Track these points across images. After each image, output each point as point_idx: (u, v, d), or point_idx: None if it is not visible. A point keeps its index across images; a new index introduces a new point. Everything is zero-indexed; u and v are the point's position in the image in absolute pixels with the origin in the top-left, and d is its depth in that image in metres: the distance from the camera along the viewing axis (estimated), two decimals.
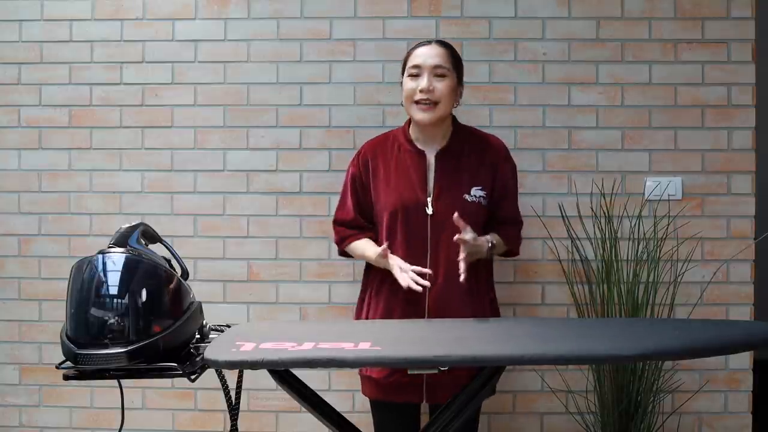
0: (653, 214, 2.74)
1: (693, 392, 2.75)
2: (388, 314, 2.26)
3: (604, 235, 2.69)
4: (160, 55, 2.82)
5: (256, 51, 2.81)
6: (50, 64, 2.83)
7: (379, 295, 2.30)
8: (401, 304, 2.25)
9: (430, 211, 2.25)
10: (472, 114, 2.75)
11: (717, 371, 2.77)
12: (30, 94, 2.84)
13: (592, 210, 2.74)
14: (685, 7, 2.76)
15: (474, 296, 2.28)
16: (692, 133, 2.77)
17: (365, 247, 2.32)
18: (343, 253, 2.44)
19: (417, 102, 2.24)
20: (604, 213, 2.72)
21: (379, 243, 2.30)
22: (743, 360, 2.76)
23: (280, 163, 2.81)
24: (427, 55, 2.26)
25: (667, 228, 2.72)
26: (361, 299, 2.39)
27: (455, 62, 2.31)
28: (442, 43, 2.33)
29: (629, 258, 2.68)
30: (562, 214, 2.75)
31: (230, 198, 2.82)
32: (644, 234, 2.72)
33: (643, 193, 2.76)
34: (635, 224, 2.72)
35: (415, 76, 2.25)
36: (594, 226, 2.73)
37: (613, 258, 2.66)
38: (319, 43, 2.80)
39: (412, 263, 2.22)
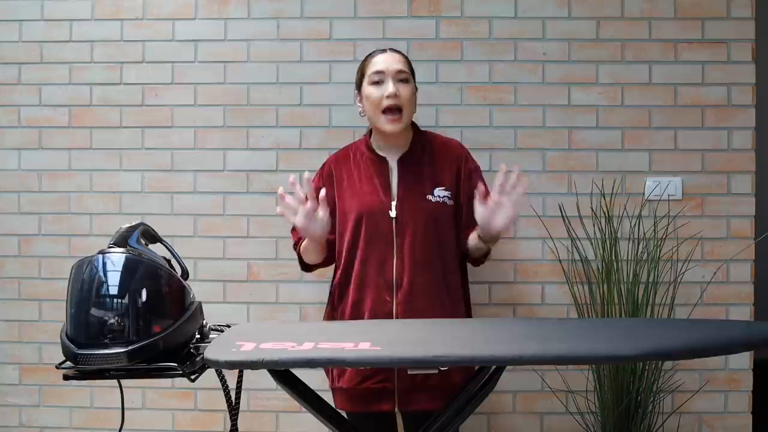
0: (653, 214, 2.74)
1: (693, 392, 2.75)
2: (355, 320, 2.25)
3: (604, 235, 2.69)
4: (160, 55, 2.82)
5: (256, 51, 2.81)
6: (50, 64, 2.83)
7: (347, 300, 2.28)
8: (368, 309, 2.24)
9: (393, 214, 2.25)
10: (472, 114, 2.76)
11: (717, 371, 2.77)
12: (30, 94, 2.84)
13: (592, 210, 2.74)
14: (685, 7, 2.76)
15: (443, 299, 2.26)
16: (692, 133, 2.77)
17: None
18: (305, 267, 2.41)
19: (384, 111, 2.24)
20: (604, 213, 2.72)
21: (339, 251, 2.30)
22: (743, 360, 2.76)
23: (280, 163, 2.81)
24: (389, 61, 2.27)
25: (667, 228, 2.72)
26: (331, 309, 2.37)
27: (411, 68, 2.33)
28: (395, 50, 2.34)
29: (629, 258, 2.68)
30: (562, 214, 2.75)
31: (230, 198, 2.82)
32: (644, 234, 2.72)
33: (643, 193, 2.76)
34: (635, 224, 2.72)
35: (377, 83, 2.25)
36: (594, 226, 2.73)
37: (613, 258, 2.66)
38: (319, 43, 2.80)
39: (377, 266, 2.23)
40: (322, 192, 2.15)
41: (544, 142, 2.78)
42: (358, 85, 2.34)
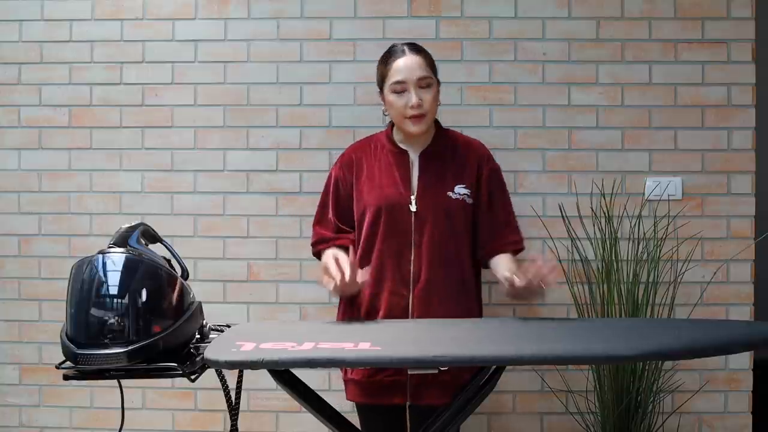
0: (653, 214, 2.74)
1: (693, 392, 2.75)
2: (371, 314, 2.26)
3: (604, 235, 2.69)
4: (160, 55, 2.82)
5: (256, 51, 2.81)
6: (50, 64, 2.83)
7: (363, 293, 2.27)
8: (384, 303, 2.24)
9: (413, 208, 2.25)
10: (472, 114, 2.76)
11: (717, 371, 2.77)
12: (30, 94, 2.84)
13: (592, 210, 2.74)
14: (685, 7, 2.76)
15: (458, 296, 2.27)
16: (692, 133, 2.77)
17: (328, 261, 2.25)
18: (317, 255, 2.38)
19: (410, 117, 2.21)
20: (604, 213, 2.72)
21: (358, 245, 2.29)
22: (743, 360, 2.76)
23: (280, 163, 2.81)
24: (410, 68, 2.21)
25: (667, 228, 2.72)
26: (347, 301, 2.34)
27: (433, 66, 2.28)
28: (416, 49, 2.26)
29: (629, 258, 2.68)
30: (562, 214, 2.75)
31: (230, 198, 2.82)
32: (644, 234, 2.72)
33: (643, 193, 2.77)
34: (635, 224, 2.72)
35: (400, 92, 2.21)
36: (594, 226, 2.73)
37: (613, 258, 2.66)
38: (319, 43, 2.80)
39: (394, 260, 2.23)
40: (363, 272, 2.11)
41: (544, 142, 2.78)
42: (380, 86, 2.29)
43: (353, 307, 2.30)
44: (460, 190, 2.27)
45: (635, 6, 2.76)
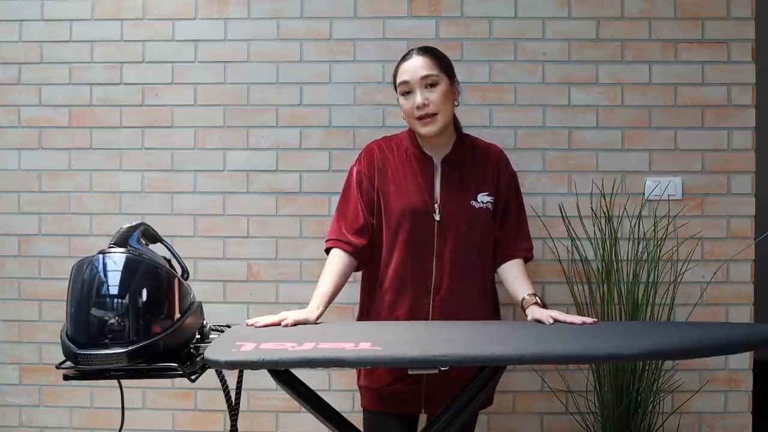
0: (653, 214, 2.74)
1: (693, 392, 2.75)
2: (390, 318, 2.26)
3: (604, 235, 2.69)
4: (160, 55, 2.82)
5: (256, 51, 2.81)
6: (50, 64, 2.83)
7: (382, 299, 2.27)
8: (405, 311, 2.24)
9: (437, 217, 2.24)
10: (472, 114, 2.75)
11: (717, 371, 2.77)
12: (30, 94, 2.84)
13: (592, 210, 2.74)
14: (685, 7, 2.76)
15: (480, 303, 2.27)
16: (692, 133, 2.77)
17: (321, 281, 2.24)
18: (327, 251, 2.35)
19: (418, 118, 2.20)
20: (604, 213, 2.72)
21: (377, 247, 2.28)
22: (743, 360, 2.76)
23: (280, 163, 2.81)
24: (413, 69, 2.18)
25: (667, 228, 2.72)
26: (365, 305, 2.35)
27: (442, 65, 2.22)
28: (423, 51, 2.23)
29: (629, 258, 2.68)
30: (562, 214, 2.75)
31: (230, 198, 2.82)
32: (644, 234, 2.72)
33: (643, 193, 2.77)
34: (635, 224, 2.72)
35: (407, 93, 2.20)
36: (594, 226, 2.73)
37: (613, 258, 2.66)
38: (319, 43, 2.80)
39: (415, 268, 2.23)
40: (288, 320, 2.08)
41: (544, 142, 2.78)
42: (396, 90, 2.26)
43: (372, 312, 2.29)
44: (483, 198, 2.27)
45: (635, 6, 2.77)
